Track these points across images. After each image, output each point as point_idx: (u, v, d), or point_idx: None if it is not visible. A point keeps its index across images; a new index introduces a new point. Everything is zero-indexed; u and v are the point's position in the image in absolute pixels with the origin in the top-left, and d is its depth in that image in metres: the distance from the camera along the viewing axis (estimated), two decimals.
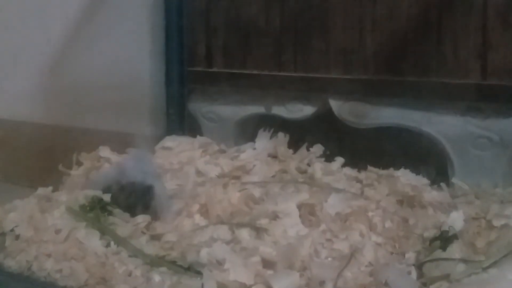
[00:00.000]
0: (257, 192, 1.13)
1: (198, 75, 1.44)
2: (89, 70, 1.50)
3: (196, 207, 1.09)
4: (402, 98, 1.27)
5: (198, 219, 1.07)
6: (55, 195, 1.15)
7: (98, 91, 1.47)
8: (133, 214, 1.08)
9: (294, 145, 1.35)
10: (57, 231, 1.01)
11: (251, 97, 1.42)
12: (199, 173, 1.25)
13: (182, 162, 1.29)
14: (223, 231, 1.01)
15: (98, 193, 1.10)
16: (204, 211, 1.09)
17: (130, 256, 0.97)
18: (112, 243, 0.99)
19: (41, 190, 1.16)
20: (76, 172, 1.23)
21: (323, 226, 1.01)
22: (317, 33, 1.34)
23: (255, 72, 1.39)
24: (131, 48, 1.44)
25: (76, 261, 0.95)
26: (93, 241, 0.99)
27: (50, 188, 1.16)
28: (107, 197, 1.09)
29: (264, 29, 1.38)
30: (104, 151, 1.26)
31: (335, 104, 1.34)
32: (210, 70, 1.44)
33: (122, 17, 1.46)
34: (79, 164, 1.24)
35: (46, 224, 1.03)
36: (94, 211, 1.09)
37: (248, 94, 1.42)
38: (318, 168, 1.23)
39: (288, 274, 0.90)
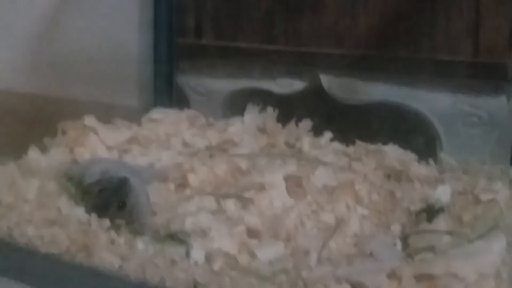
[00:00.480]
0: (244, 164, 1.12)
1: (187, 47, 1.42)
2: (75, 40, 1.47)
3: (181, 177, 1.08)
4: (393, 74, 1.26)
5: (183, 190, 1.06)
6: (38, 162, 1.13)
7: (85, 62, 1.44)
8: (103, 215, 0.93)
9: (284, 120, 1.33)
10: (39, 198, 1.00)
11: (240, 71, 1.41)
12: (186, 144, 1.24)
13: (168, 134, 1.27)
14: (208, 202, 1.00)
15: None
16: (190, 182, 1.08)
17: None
18: None
19: (23, 157, 1.14)
20: (60, 141, 1.21)
21: (309, 198, 1.01)
22: (309, 7, 1.32)
23: (245, 45, 1.37)
24: (119, 18, 1.42)
25: (58, 227, 0.94)
26: (76, 208, 0.98)
27: (33, 155, 1.14)
28: None
29: (256, 1, 1.35)
30: (90, 120, 1.23)
31: (325, 80, 1.33)
32: (199, 42, 1.41)
33: None
34: (64, 133, 1.22)
35: (27, 190, 1.01)
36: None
37: (238, 68, 1.40)
38: (306, 142, 1.22)
39: (272, 243, 0.89)
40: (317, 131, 1.29)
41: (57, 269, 0.89)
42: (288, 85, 1.38)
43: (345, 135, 1.28)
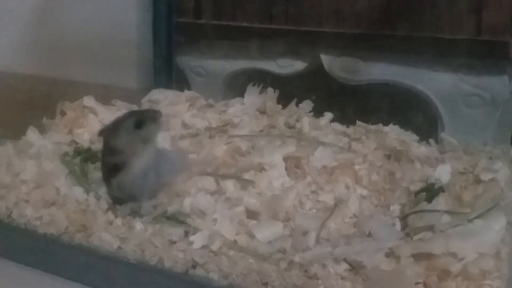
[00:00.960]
0: (243, 145, 1.11)
1: (187, 27, 1.41)
2: (74, 21, 1.45)
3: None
4: (394, 54, 1.24)
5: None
6: (36, 143, 1.12)
7: (83, 43, 1.43)
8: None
9: (284, 100, 1.32)
10: (37, 178, 0.99)
11: (240, 51, 1.39)
12: (185, 125, 1.23)
13: (168, 115, 1.26)
14: (207, 182, 1.00)
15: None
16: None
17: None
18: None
19: (22, 138, 1.14)
20: (59, 121, 1.20)
21: (308, 178, 1.00)
22: None
23: (244, 24, 1.35)
24: None
25: (56, 208, 0.94)
26: (74, 189, 0.98)
27: (31, 135, 1.14)
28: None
29: None
30: (89, 101, 1.23)
31: (326, 60, 1.31)
32: (198, 21, 1.40)
33: None
34: (63, 113, 1.21)
35: (25, 170, 1.01)
36: (79, 159, 1.07)
37: (238, 48, 1.39)
38: (306, 123, 1.21)
39: (271, 224, 0.89)
40: (317, 112, 1.28)
41: (56, 249, 0.90)
42: (289, 66, 1.37)
43: (346, 116, 1.27)
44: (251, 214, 0.92)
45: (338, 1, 1.27)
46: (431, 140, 1.17)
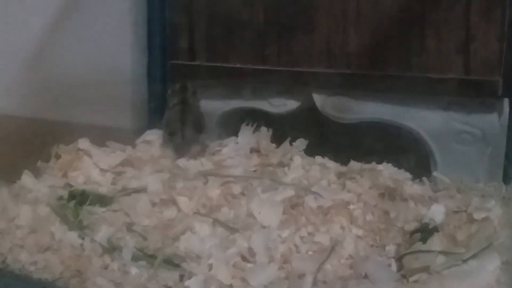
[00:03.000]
0: (237, 187, 1.12)
1: (181, 69, 1.42)
2: (69, 63, 1.47)
3: (174, 200, 1.08)
4: (385, 93, 1.26)
5: (177, 212, 1.06)
6: (31, 187, 1.12)
7: (79, 85, 1.44)
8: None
9: (278, 139, 1.33)
10: (32, 223, 0.99)
11: (234, 91, 1.41)
12: (179, 167, 1.23)
13: (162, 156, 1.27)
14: (202, 226, 1.00)
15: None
16: (183, 206, 1.08)
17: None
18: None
19: (16, 183, 1.14)
20: (54, 164, 1.20)
21: (303, 220, 1.00)
22: (300, 27, 1.32)
23: (238, 65, 1.37)
24: (112, 40, 1.42)
25: (51, 253, 0.93)
26: (69, 233, 0.98)
27: (26, 179, 1.14)
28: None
29: (248, 22, 1.36)
30: (83, 143, 1.23)
31: (318, 99, 1.33)
32: (192, 63, 1.42)
33: (104, 10, 1.44)
34: (57, 157, 1.22)
35: (20, 215, 1.01)
36: (73, 204, 1.07)
37: (232, 88, 1.41)
38: (300, 162, 1.22)
39: (265, 267, 0.89)
40: (311, 150, 1.29)
41: None
42: (282, 105, 1.38)
43: (339, 154, 1.28)
44: (247, 257, 0.92)
45: (330, 42, 1.30)
46: (424, 178, 1.18)
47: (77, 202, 1.07)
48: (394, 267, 0.88)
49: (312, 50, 1.32)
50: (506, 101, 1.19)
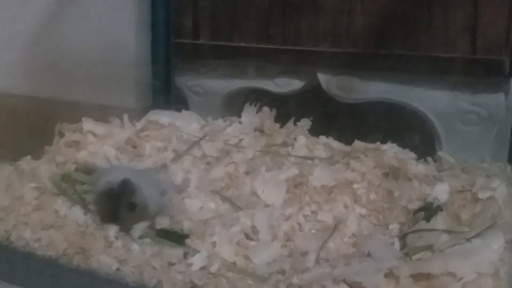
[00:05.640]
0: (241, 166, 1.12)
1: (185, 47, 1.41)
2: (73, 42, 1.46)
3: (179, 178, 1.08)
4: (391, 72, 1.25)
5: (181, 191, 1.06)
6: (35, 165, 1.13)
7: (82, 64, 1.44)
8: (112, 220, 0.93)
9: (282, 119, 1.33)
10: (36, 200, 0.99)
11: (238, 70, 1.40)
12: (184, 146, 1.23)
13: (166, 135, 1.27)
14: (206, 204, 1.00)
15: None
16: (187, 184, 1.08)
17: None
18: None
19: (20, 160, 1.14)
20: (57, 142, 1.20)
21: (307, 198, 1.00)
22: (305, 5, 1.31)
23: (242, 44, 1.36)
24: (116, 19, 1.41)
25: (55, 230, 0.94)
26: (73, 210, 0.98)
27: (29, 157, 1.14)
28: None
29: (252, 1, 1.35)
30: (87, 123, 1.23)
31: (323, 78, 1.32)
32: (197, 42, 1.41)
33: None
34: (61, 135, 1.22)
35: (24, 193, 1.01)
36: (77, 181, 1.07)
37: (236, 68, 1.40)
38: (304, 142, 1.22)
39: (268, 245, 0.89)
40: (315, 130, 1.28)
41: (54, 272, 0.89)
42: (286, 85, 1.37)
43: (343, 134, 1.28)
44: (250, 235, 0.92)
45: (335, 21, 1.28)
46: (429, 158, 1.17)
47: (81, 179, 1.07)
48: (397, 245, 0.88)
49: (317, 28, 1.31)
50: None
